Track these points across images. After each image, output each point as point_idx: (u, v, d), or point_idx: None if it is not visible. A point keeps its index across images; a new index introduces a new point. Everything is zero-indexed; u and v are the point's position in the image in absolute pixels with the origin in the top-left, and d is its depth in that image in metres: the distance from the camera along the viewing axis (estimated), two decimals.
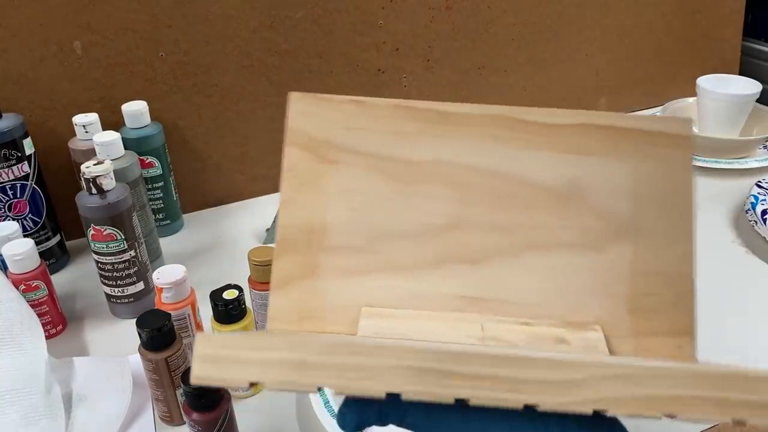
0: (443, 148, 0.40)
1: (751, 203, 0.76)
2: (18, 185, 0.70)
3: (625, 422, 0.31)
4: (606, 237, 0.38)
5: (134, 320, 0.52)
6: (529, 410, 0.27)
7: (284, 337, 0.29)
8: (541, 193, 0.39)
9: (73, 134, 0.74)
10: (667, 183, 0.39)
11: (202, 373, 0.27)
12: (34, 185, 0.72)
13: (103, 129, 0.73)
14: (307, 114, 0.41)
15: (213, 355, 0.28)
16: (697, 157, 0.92)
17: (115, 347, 0.63)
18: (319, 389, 0.28)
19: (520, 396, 0.27)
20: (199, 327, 0.60)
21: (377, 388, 0.27)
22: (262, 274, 0.57)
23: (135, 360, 0.56)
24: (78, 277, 0.75)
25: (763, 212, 0.74)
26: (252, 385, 0.27)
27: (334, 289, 0.37)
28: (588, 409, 0.27)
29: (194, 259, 0.77)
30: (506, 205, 0.39)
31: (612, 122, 0.40)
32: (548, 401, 0.27)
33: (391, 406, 0.31)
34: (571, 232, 0.39)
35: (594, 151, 0.40)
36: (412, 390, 0.27)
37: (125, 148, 0.70)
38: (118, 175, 0.66)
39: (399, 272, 0.38)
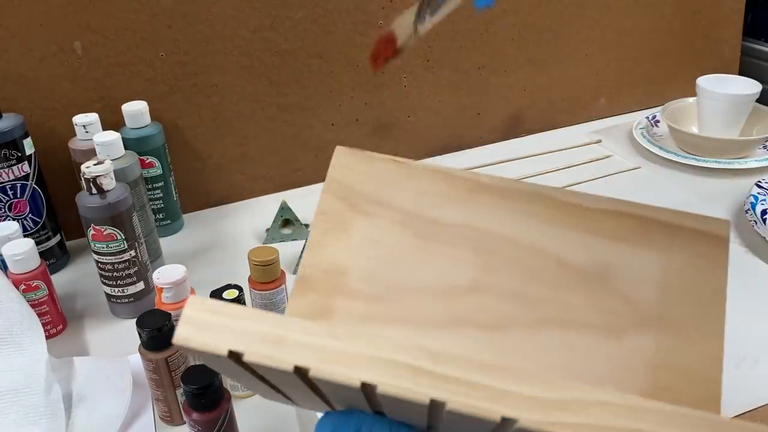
0: (474, 214, 0.41)
1: (751, 203, 0.76)
2: (18, 185, 0.70)
3: None
4: (629, 324, 0.38)
5: (134, 320, 0.52)
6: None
7: (272, 315, 0.28)
8: (567, 271, 0.39)
9: (73, 134, 0.74)
10: (700, 280, 0.38)
11: (185, 335, 0.27)
12: (34, 185, 0.72)
13: (104, 129, 0.73)
14: (347, 167, 0.42)
15: (199, 319, 0.28)
16: (696, 157, 0.92)
17: (115, 347, 0.63)
18: (297, 369, 0.27)
19: (499, 408, 0.25)
20: None
21: (352, 376, 0.26)
22: (262, 274, 0.57)
23: (135, 360, 0.56)
24: (78, 277, 0.75)
25: (763, 212, 0.74)
26: (231, 354, 0.27)
27: None
28: None
29: (194, 259, 0.77)
30: (530, 277, 0.39)
31: (649, 214, 0.40)
32: (527, 418, 0.25)
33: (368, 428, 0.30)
34: (593, 315, 0.38)
35: (626, 238, 0.40)
36: (387, 383, 0.26)
37: (125, 148, 0.70)
38: (118, 175, 0.66)
39: (413, 327, 0.38)
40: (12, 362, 0.54)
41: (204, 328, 0.27)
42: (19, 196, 0.71)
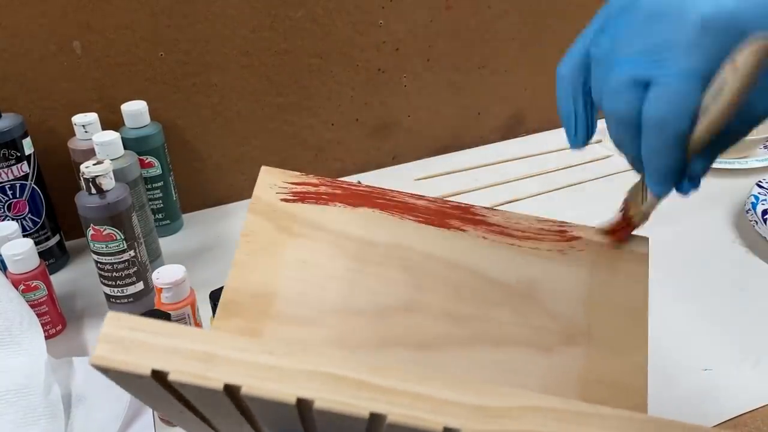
0: (403, 234, 0.41)
1: (752, 203, 0.76)
2: (17, 185, 0.70)
3: None
4: (558, 340, 0.38)
5: None
6: None
7: (200, 331, 0.26)
8: (496, 289, 0.40)
9: (73, 134, 0.73)
10: (623, 295, 0.40)
11: (104, 354, 0.25)
12: (33, 185, 0.72)
13: (103, 129, 0.73)
14: (274, 187, 0.42)
15: (120, 337, 0.25)
16: None
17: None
18: (227, 387, 0.25)
19: (441, 418, 0.25)
20: (199, 327, 0.60)
21: (288, 392, 0.25)
22: None
23: None
24: (77, 277, 0.75)
25: (764, 212, 0.74)
26: (155, 374, 0.25)
27: None
28: None
29: (194, 259, 0.77)
30: (461, 296, 0.39)
31: (571, 231, 0.41)
32: (470, 427, 0.25)
33: None
34: (523, 331, 0.38)
35: (552, 254, 0.41)
36: (325, 398, 0.25)
37: (125, 148, 0.70)
38: (118, 175, 0.66)
39: (345, 349, 0.37)
40: (11, 362, 0.54)
41: (125, 347, 0.25)
42: (18, 196, 0.71)
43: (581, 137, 0.37)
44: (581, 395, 0.37)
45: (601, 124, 1.09)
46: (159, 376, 0.25)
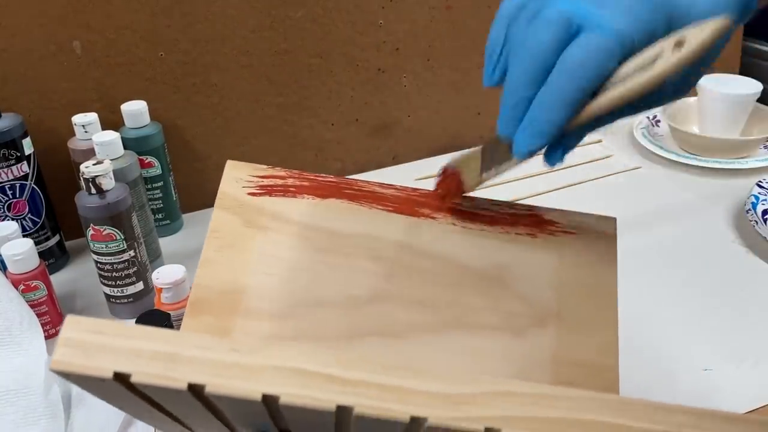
0: (372, 224, 0.41)
1: (752, 203, 0.76)
2: (17, 185, 0.70)
3: None
4: (529, 323, 0.39)
5: (134, 320, 0.52)
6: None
7: (163, 331, 0.26)
8: (466, 275, 0.40)
9: (73, 134, 0.73)
10: (591, 276, 0.40)
11: (63, 358, 0.25)
12: (33, 185, 0.72)
13: (103, 129, 0.73)
14: (240, 181, 0.41)
15: (80, 340, 0.25)
16: (697, 156, 0.92)
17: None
18: (191, 387, 0.25)
19: (407, 407, 0.25)
20: None
21: (253, 389, 0.24)
22: None
23: None
24: (77, 277, 0.75)
25: (764, 212, 0.74)
26: (117, 376, 0.25)
27: None
28: (480, 427, 0.24)
29: (194, 259, 0.76)
30: (431, 283, 0.39)
31: (539, 213, 0.42)
32: (437, 415, 0.25)
33: None
34: (494, 315, 0.39)
35: (521, 239, 0.41)
36: (290, 393, 0.24)
37: (125, 148, 0.70)
38: (118, 175, 0.66)
39: (317, 342, 0.37)
40: (11, 362, 0.54)
41: (85, 350, 0.25)
42: (18, 196, 0.71)
43: (498, 76, 0.38)
44: (554, 377, 0.37)
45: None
46: (121, 378, 0.25)
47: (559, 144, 0.34)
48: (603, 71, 0.31)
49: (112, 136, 0.68)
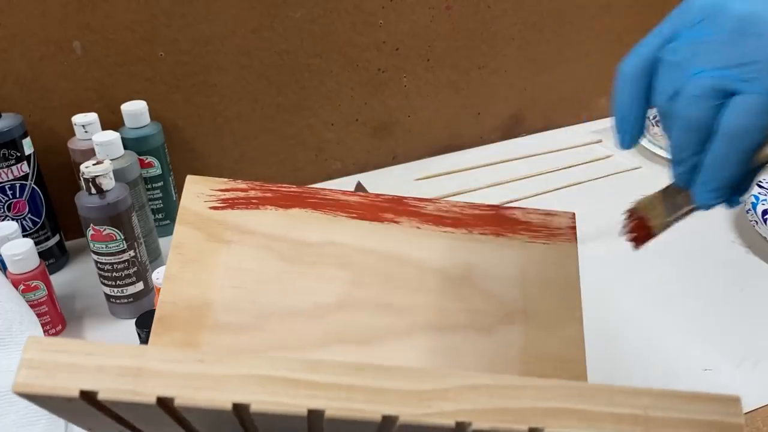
0: (336, 231, 0.41)
1: (752, 203, 0.76)
2: (17, 185, 0.70)
3: None
4: (496, 320, 0.39)
5: (134, 320, 0.52)
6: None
7: (127, 346, 0.25)
8: (432, 276, 0.40)
9: (73, 134, 0.73)
10: (555, 270, 0.41)
11: (27, 380, 0.24)
12: (33, 185, 0.72)
13: (103, 129, 0.73)
14: (201, 195, 0.41)
15: (42, 361, 0.24)
16: None
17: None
18: (160, 400, 0.24)
19: (378, 407, 0.25)
20: None
21: (223, 398, 0.24)
22: None
23: None
24: (77, 277, 0.75)
25: (764, 212, 0.74)
26: (84, 394, 0.24)
27: None
28: (450, 421, 0.25)
29: None
30: (398, 286, 0.40)
31: (502, 212, 0.42)
32: (408, 412, 0.25)
33: None
34: (462, 315, 0.39)
35: (485, 238, 0.41)
36: (261, 400, 0.24)
37: (125, 148, 0.70)
38: (118, 175, 0.66)
39: (286, 352, 0.37)
40: (11, 363, 0.54)
41: (49, 370, 0.24)
42: (18, 196, 0.71)
43: (634, 139, 0.38)
44: (523, 372, 0.38)
45: (601, 124, 1.09)
46: (88, 396, 0.24)
47: (735, 191, 0.35)
48: (762, 129, 0.32)
49: (112, 136, 0.68)
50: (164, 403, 0.25)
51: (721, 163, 0.33)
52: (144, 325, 0.51)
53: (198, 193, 0.42)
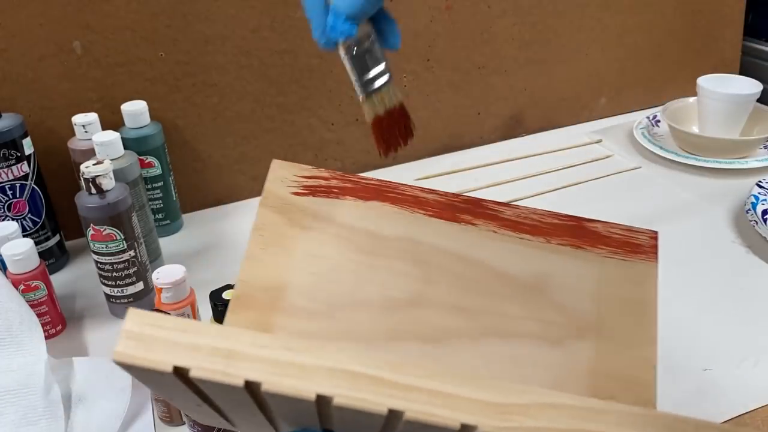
0: (413, 227, 0.41)
1: (752, 203, 0.76)
2: (17, 185, 0.70)
3: None
4: (567, 333, 0.38)
5: None
6: None
7: (220, 327, 0.27)
8: (507, 283, 0.40)
9: (73, 134, 0.73)
10: (631, 289, 0.40)
11: (126, 350, 0.25)
12: (33, 185, 0.72)
13: (103, 129, 0.73)
14: (285, 180, 0.42)
15: (141, 334, 0.26)
16: (697, 156, 0.92)
17: (115, 347, 0.63)
18: (247, 384, 0.25)
19: (459, 415, 0.25)
20: None
21: (308, 389, 0.25)
22: None
23: None
24: (77, 277, 0.75)
25: (764, 212, 0.74)
26: (176, 370, 0.25)
27: None
28: None
29: (194, 259, 0.77)
30: (471, 289, 0.39)
31: (583, 224, 0.42)
32: (487, 423, 0.25)
33: None
34: (532, 324, 0.39)
35: (563, 249, 0.41)
36: (344, 394, 0.25)
37: (125, 148, 0.70)
38: (118, 175, 0.66)
39: (355, 343, 0.37)
40: (11, 362, 0.54)
41: (146, 343, 0.26)
42: (18, 196, 0.71)
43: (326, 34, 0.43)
44: (590, 389, 0.37)
45: (601, 124, 1.09)
46: (180, 372, 0.25)
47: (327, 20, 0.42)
48: None
49: (112, 136, 0.68)
50: (251, 387, 0.25)
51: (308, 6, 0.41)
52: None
53: (282, 177, 0.42)
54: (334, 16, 0.40)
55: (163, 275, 0.56)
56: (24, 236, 0.66)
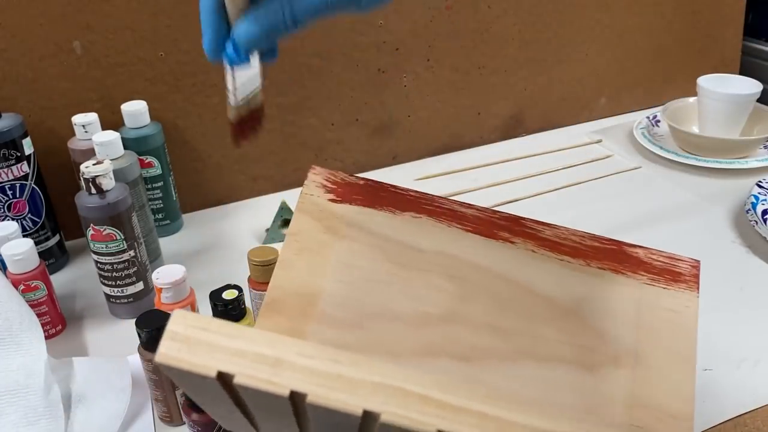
0: (450, 241, 0.40)
1: (752, 203, 0.76)
2: (17, 185, 0.70)
3: None
4: (603, 359, 0.38)
5: (134, 320, 0.52)
6: None
7: (266, 334, 0.26)
8: (543, 304, 0.39)
9: (73, 134, 0.73)
10: (671, 318, 0.39)
11: (169, 352, 0.25)
12: (33, 185, 0.72)
13: (103, 129, 0.73)
14: (323, 187, 0.41)
15: (186, 336, 0.25)
16: (697, 156, 0.92)
17: (115, 347, 0.63)
18: (292, 394, 0.25)
19: None
20: None
21: (355, 403, 0.24)
22: (261, 274, 0.57)
23: (134, 360, 0.56)
24: (77, 277, 0.75)
25: (764, 212, 0.74)
26: (220, 376, 0.25)
27: None
28: None
29: (194, 259, 0.77)
30: (507, 309, 0.39)
31: (624, 249, 0.41)
32: None
33: None
34: (568, 349, 0.38)
35: (602, 273, 0.40)
36: (391, 411, 0.24)
37: (125, 148, 0.70)
38: (118, 175, 0.66)
39: (387, 356, 0.37)
40: (11, 362, 0.54)
41: (190, 346, 0.25)
42: (18, 195, 0.71)
43: (214, 42, 0.43)
44: (626, 417, 0.36)
45: (601, 124, 1.09)
46: (224, 378, 0.25)
47: (227, 42, 0.41)
48: None
49: (112, 136, 0.68)
50: (294, 398, 0.25)
51: (202, 20, 0.40)
52: (144, 325, 0.51)
53: (319, 183, 0.41)
54: (232, 43, 0.41)
55: (163, 275, 0.56)
56: (24, 236, 0.66)
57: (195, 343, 0.25)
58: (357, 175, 0.43)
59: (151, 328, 0.51)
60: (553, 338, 0.38)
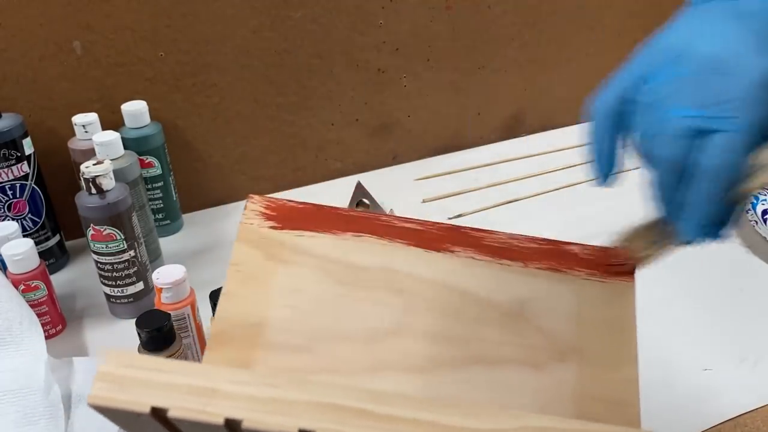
0: (392, 257, 0.41)
1: (752, 203, 0.76)
2: (17, 185, 0.70)
3: None
4: (550, 357, 0.38)
5: (134, 320, 0.52)
6: None
7: (196, 365, 0.26)
8: (487, 309, 0.40)
9: (73, 134, 0.73)
10: (610, 310, 0.40)
11: (100, 393, 0.25)
12: (33, 185, 0.72)
13: (103, 129, 0.73)
14: (261, 215, 0.42)
15: (117, 375, 0.26)
16: None
17: (115, 347, 0.63)
18: (228, 422, 0.25)
19: None
20: (199, 327, 0.60)
21: (291, 423, 0.24)
22: None
23: None
24: (77, 277, 0.75)
25: (764, 212, 0.74)
26: (154, 411, 0.25)
27: None
28: None
29: (194, 259, 0.77)
30: (451, 317, 0.39)
31: (561, 248, 0.42)
32: None
33: None
34: (515, 350, 0.39)
35: (542, 273, 0.41)
36: (327, 428, 0.25)
37: (125, 148, 0.70)
38: (118, 175, 0.66)
39: (338, 376, 0.37)
40: (11, 362, 0.54)
41: (122, 385, 0.25)
42: (18, 196, 0.71)
43: (611, 174, 0.39)
44: (575, 411, 0.37)
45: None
46: (158, 413, 0.25)
47: (718, 225, 0.36)
48: (740, 165, 0.32)
49: (112, 136, 0.68)
50: (231, 425, 0.25)
51: (704, 200, 0.33)
52: (144, 325, 0.51)
53: (258, 212, 0.42)
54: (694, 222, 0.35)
55: (163, 275, 0.56)
56: (24, 236, 0.66)
57: (127, 381, 0.25)
58: (298, 201, 0.43)
59: (152, 328, 0.51)
60: (500, 341, 0.39)
